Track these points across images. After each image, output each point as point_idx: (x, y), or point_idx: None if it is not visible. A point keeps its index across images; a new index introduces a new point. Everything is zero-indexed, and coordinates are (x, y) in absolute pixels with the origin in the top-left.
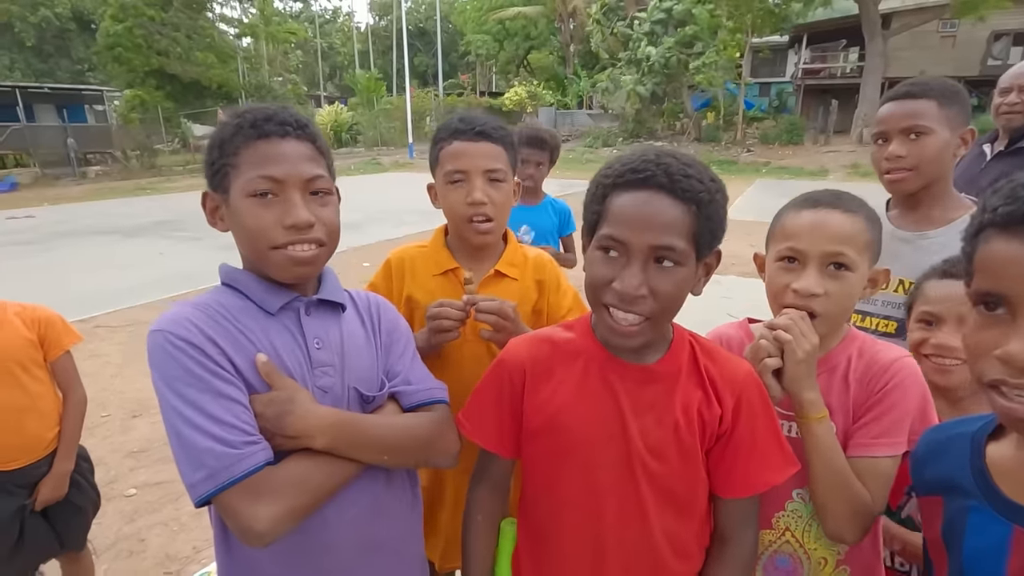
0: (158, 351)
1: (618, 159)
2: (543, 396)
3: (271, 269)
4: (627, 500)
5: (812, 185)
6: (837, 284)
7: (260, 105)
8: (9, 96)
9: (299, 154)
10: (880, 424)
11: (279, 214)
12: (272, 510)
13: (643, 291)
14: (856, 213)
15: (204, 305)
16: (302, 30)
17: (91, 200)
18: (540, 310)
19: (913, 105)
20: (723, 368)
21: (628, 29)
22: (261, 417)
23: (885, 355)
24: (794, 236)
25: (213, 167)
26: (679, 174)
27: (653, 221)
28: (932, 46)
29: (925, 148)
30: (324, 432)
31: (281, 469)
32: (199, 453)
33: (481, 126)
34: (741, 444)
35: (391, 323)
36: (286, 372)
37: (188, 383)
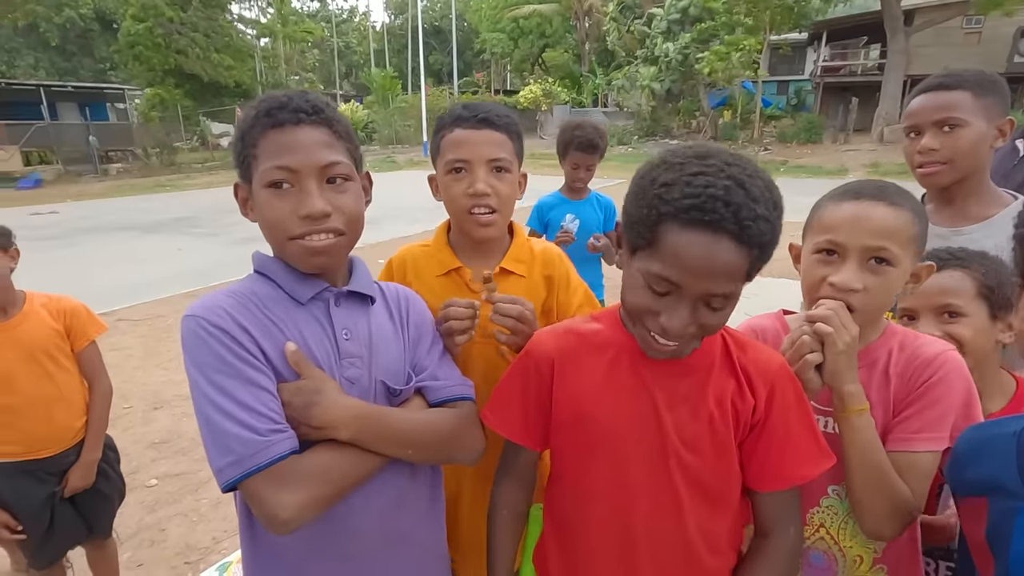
0: (191, 336)
1: (677, 171)
2: (572, 387)
3: (291, 259)
4: (661, 494)
5: (831, 184)
6: (877, 279)
7: (276, 92)
8: (34, 94)
9: (314, 141)
10: (922, 418)
11: (294, 204)
12: (297, 498)
13: (691, 329)
14: (901, 206)
15: (237, 293)
16: (319, 29)
17: (112, 197)
18: (549, 308)
19: (946, 96)
20: (755, 359)
21: (645, 27)
22: (288, 406)
23: (928, 349)
24: (834, 228)
25: (239, 158)
26: (748, 218)
27: (714, 270)
28: (956, 43)
29: (959, 140)
30: (348, 424)
31: (306, 458)
32: (227, 438)
33: (485, 113)
34: (775, 435)
35: (419, 316)
36: (314, 362)
37: (218, 369)
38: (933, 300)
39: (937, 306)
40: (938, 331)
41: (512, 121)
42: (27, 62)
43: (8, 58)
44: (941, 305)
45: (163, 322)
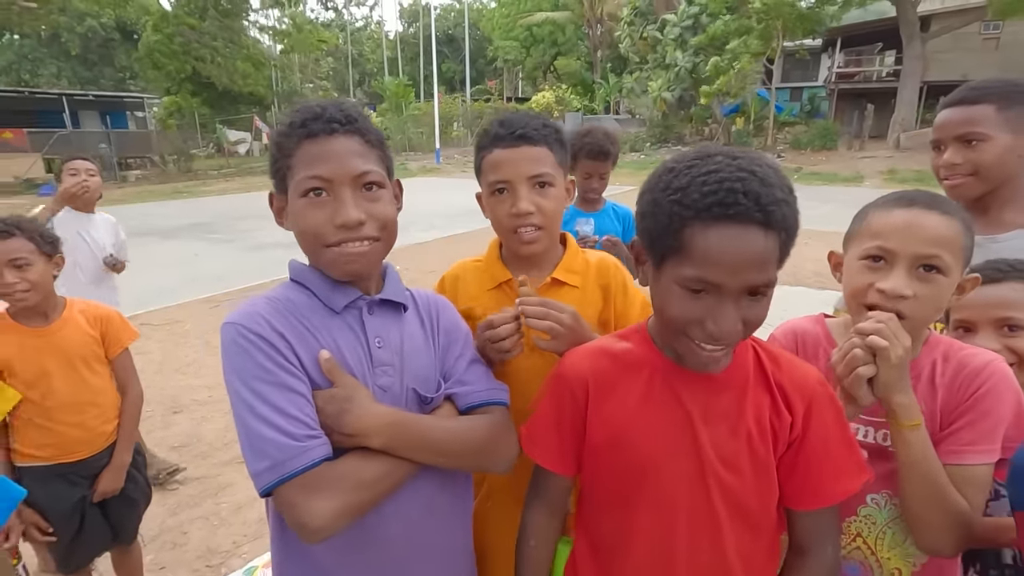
0: (231, 344)
1: (686, 175)
2: (608, 410)
3: (326, 267)
4: (699, 515)
5: (846, 191)
6: (927, 287)
7: (311, 102)
8: (56, 103)
9: (347, 150)
10: (973, 430)
11: (330, 213)
12: (329, 506)
13: (738, 327)
14: (953, 216)
15: (274, 300)
16: (333, 38)
17: (131, 203)
18: (607, 320)
19: (968, 112)
20: (791, 374)
21: (658, 33)
22: (321, 413)
23: (975, 359)
24: (884, 235)
25: (275, 167)
26: (770, 202)
27: (749, 261)
28: (974, 48)
29: (983, 155)
30: (380, 432)
31: (338, 465)
32: (264, 443)
33: (522, 128)
34: (814, 452)
35: (450, 323)
36: (348, 370)
37: (256, 375)
38: (993, 312)
39: (997, 319)
40: (997, 344)
41: (551, 131)
42: (50, 71)
43: (32, 67)
44: (1002, 318)
45: (181, 327)
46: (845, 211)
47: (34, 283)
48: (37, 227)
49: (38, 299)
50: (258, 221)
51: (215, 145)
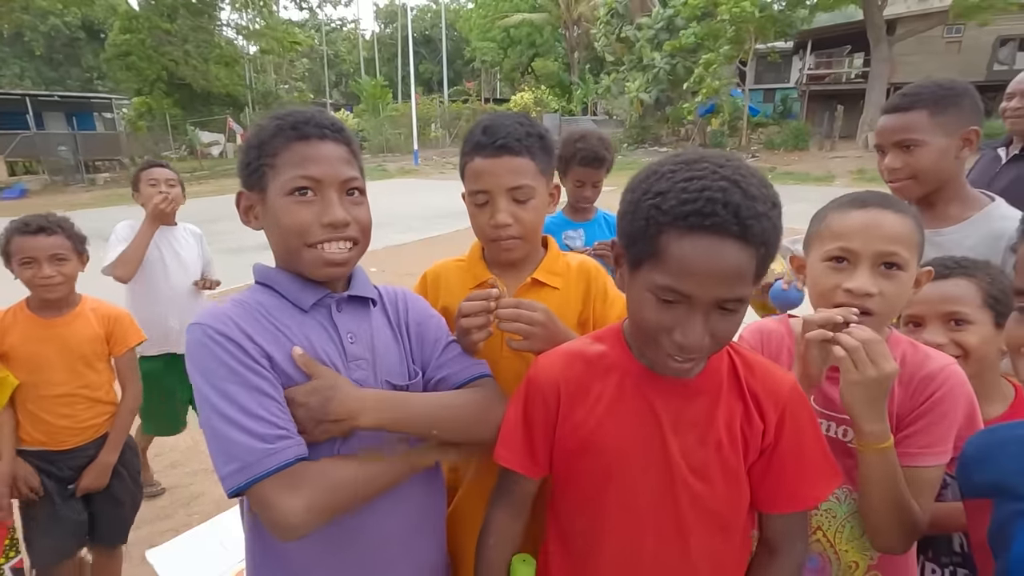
0: (196, 344)
1: (668, 179)
2: (579, 416)
3: (304, 266)
4: (666, 523)
5: (819, 191)
6: (890, 283)
7: (299, 108)
8: (19, 104)
9: (336, 156)
10: (929, 434)
11: (317, 212)
12: (304, 502)
13: (706, 340)
14: (906, 214)
15: (242, 302)
16: (308, 39)
17: (99, 207)
18: (585, 320)
19: (903, 119)
20: (765, 381)
21: (634, 34)
22: (305, 407)
23: (931, 363)
24: (845, 236)
25: (250, 167)
26: (750, 216)
27: (723, 274)
28: (938, 51)
29: (920, 159)
30: (370, 409)
31: (316, 464)
32: (231, 446)
33: (503, 139)
34: (786, 460)
35: (419, 314)
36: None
37: (224, 377)
38: (940, 307)
39: (944, 313)
40: (944, 338)
41: (535, 139)
42: (13, 72)
43: None
44: (948, 313)
45: None
46: (816, 209)
47: (67, 277)
48: (73, 226)
49: (66, 292)
50: (232, 224)
51: (187, 147)
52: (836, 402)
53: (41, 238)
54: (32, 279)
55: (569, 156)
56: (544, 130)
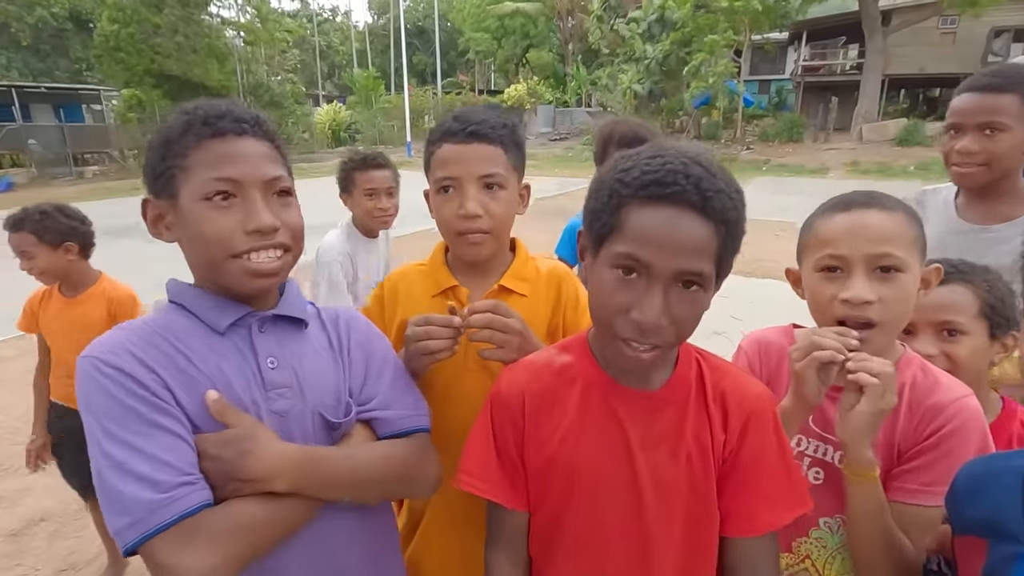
0: (85, 379)
1: (634, 160)
2: (544, 432)
3: (228, 280)
4: (632, 545)
5: (813, 183)
6: (889, 288)
7: (210, 101)
8: (5, 96)
9: (258, 153)
10: (933, 471)
11: (240, 218)
12: (206, 560)
13: (664, 320)
14: (894, 210)
15: (142, 328)
16: (299, 29)
17: (86, 200)
18: (555, 328)
19: (994, 100)
20: (732, 386)
21: (627, 26)
22: (215, 460)
23: (944, 393)
24: (831, 242)
25: (155, 171)
26: (711, 189)
27: (681, 243)
28: (932, 43)
29: (999, 145)
30: (285, 473)
31: (220, 511)
32: (121, 496)
33: (476, 125)
34: (746, 474)
35: (363, 338)
36: (234, 396)
37: (114, 415)
38: (933, 316)
39: (937, 322)
40: (935, 349)
41: (508, 131)
42: None
43: None
44: (941, 322)
45: None
46: (811, 201)
47: (43, 269)
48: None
49: (51, 281)
50: None
51: None
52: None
53: (11, 235)
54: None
55: (606, 139)
56: (516, 123)
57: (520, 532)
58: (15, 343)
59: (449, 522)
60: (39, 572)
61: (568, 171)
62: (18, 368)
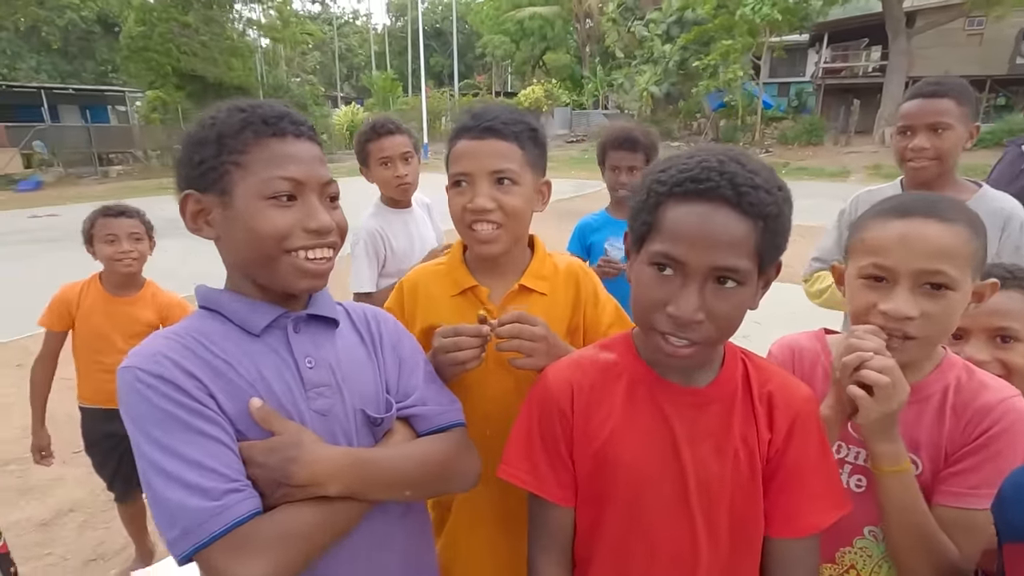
0: (127, 390)
1: (672, 161)
2: (593, 427)
3: (278, 276)
4: (679, 538)
5: (833, 186)
6: (935, 304)
7: (262, 101)
8: (35, 97)
9: (314, 155)
10: (980, 473)
11: (300, 217)
12: (260, 568)
13: (700, 315)
14: (956, 221)
15: (180, 334)
16: (319, 31)
17: (112, 199)
18: (576, 327)
19: (938, 103)
20: (779, 387)
21: (644, 28)
22: (263, 467)
23: (991, 393)
24: (880, 251)
25: (203, 164)
26: (746, 185)
27: (715, 239)
28: (958, 44)
29: (946, 141)
30: (337, 477)
31: (271, 518)
32: (172, 507)
33: (490, 121)
34: (789, 475)
35: (394, 337)
36: (274, 399)
37: (159, 423)
38: (987, 321)
39: (991, 328)
40: (988, 355)
41: (524, 128)
42: (29, 65)
43: (10, 61)
44: (996, 328)
45: None
46: (830, 205)
47: (141, 254)
48: (142, 214)
49: (138, 269)
50: None
51: None
52: None
53: (122, 219)
54: (112, 255)
55: (604, 141)
56: (538, 124)
57: (566, 530)
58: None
59: (476, 519)
60: (68, 561)
61: (584, 173)
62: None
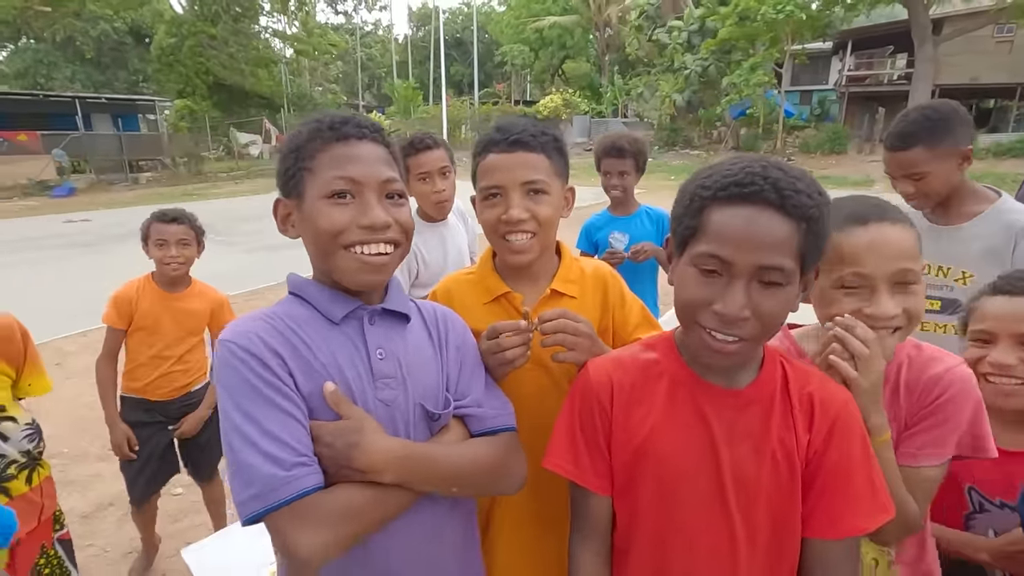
0: (222, 362)
1: (715, 168)
2: (632, 423)
3: (338, 271)
4: (716, 539)
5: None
6: (911, 297)
7: (333, 111)
8: (69, 106)
9: (376, 156)
10: (928, 435)
11: (355, 214)
12: (318, 538)
13: (746, 313)
14: (903, 221)
15: (270, 316)
16: (342, 42)
17: (141, 205)
18: (605, 328)
19: (903, 156)
20: (818, 390)
21: (665, 36)
22: (329, 447)
23: (936, 365)
24: (855, 260)
25: (287, 173)
26: (789, 188)
27: (760, 240)
28: (987, 51)
29: (927, 185)
30: (392, 467)
31: (331, 495)
32: (250, 471)
33: (518, 134)
34: (829, 477)
35: (460, 338)
36: (345, 384)
37: (246, 394)
38: (1014, 326)
39: (1018, 333)
40: (1015, 359)
41: (550, 139)
42: (64, 75)
43: (46, 71)
44: (1022, 333)
45: None
46: None
47: (187, 259)
48: (194, 219)
49: (184, 272)
50: (267, 223)
51: (225, 147)
52: None
53: (173, 226)
54: (161, 258)
55: (598, 150)
56: (559, 134)
57: (604, 520)
58: (77, 339)
59: (519, 518)
60: (108, 553)
61: None
62: (84, 362)
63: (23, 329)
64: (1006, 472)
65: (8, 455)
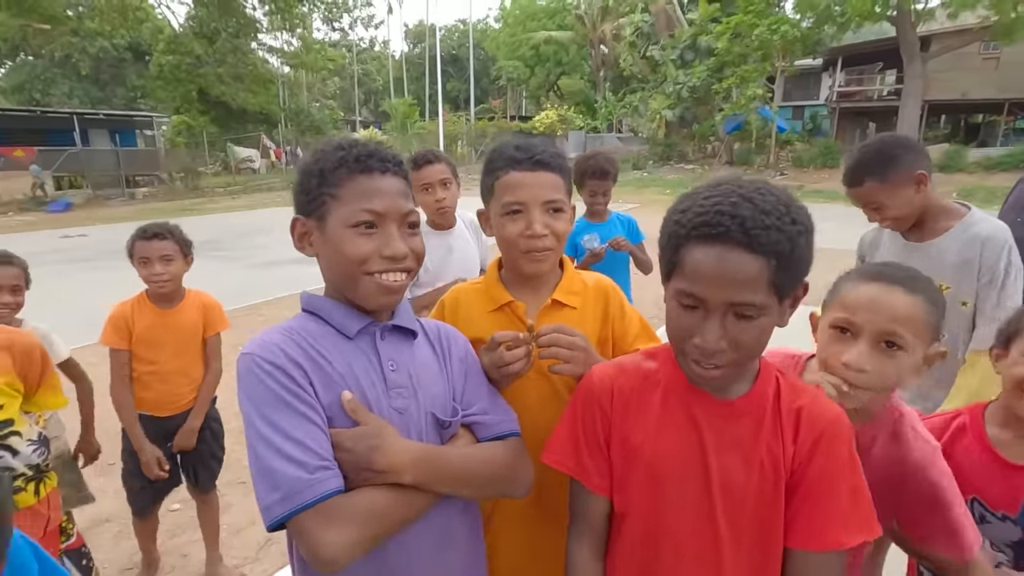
0: (246, 373)
1: (692, 200)
2: (629, 428)
3: (359, 294)
4: (704, 541)
5: (848, 210)
6: (888, 362)
7: (359, 141)
8: (67, 122)
9: (397, 190)
10: None
11: (378, 244)
12: (343, 537)
13: (723, 344)
14: (918, 294)
15: (288, 330)
16: (340, 57)
17: (138, 220)
18: (605, 339)
19: (858, 191)
20: (808, 406)
21: (659, 53)
22: (350, 452)
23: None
24: (850, 308)
25: (309, 195)
26: (756, 227)
27: (731, 278)
28: (974, 67)
29: (888, 213)
30: (411, 468)
31: (353, 497)
32: (275, 475)
33: (540, 155)
34: (812, 485)
35: (462, 352)
36: (361, 393)
37: (270, 404)
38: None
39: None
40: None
41: (564, 161)
42: (61, 91)
43: (44, 87)
44: None
45: None
46: (846, 229)
47: (173, 275)
48: (180, 233)
49: (172, 288)
50: (266, 238)
51: (222, 163)
52: None
53: (156, 242)
54: (146, 276)
55: (582, 172)
56: (564, 153)
57: (601, 519)
58: (95, 349)
59: (519, 517)
60: (106, 570)
61: None
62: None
63: (44, 351)
64: (1012, 485)
65: (17, 469)
